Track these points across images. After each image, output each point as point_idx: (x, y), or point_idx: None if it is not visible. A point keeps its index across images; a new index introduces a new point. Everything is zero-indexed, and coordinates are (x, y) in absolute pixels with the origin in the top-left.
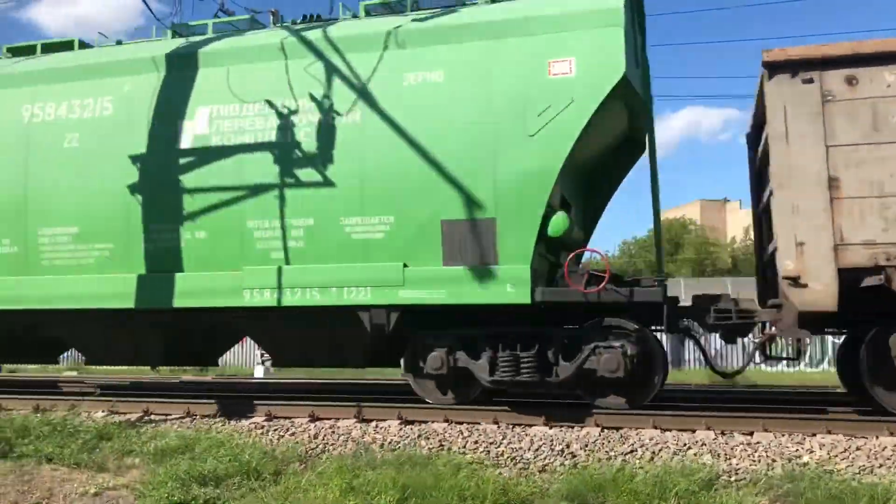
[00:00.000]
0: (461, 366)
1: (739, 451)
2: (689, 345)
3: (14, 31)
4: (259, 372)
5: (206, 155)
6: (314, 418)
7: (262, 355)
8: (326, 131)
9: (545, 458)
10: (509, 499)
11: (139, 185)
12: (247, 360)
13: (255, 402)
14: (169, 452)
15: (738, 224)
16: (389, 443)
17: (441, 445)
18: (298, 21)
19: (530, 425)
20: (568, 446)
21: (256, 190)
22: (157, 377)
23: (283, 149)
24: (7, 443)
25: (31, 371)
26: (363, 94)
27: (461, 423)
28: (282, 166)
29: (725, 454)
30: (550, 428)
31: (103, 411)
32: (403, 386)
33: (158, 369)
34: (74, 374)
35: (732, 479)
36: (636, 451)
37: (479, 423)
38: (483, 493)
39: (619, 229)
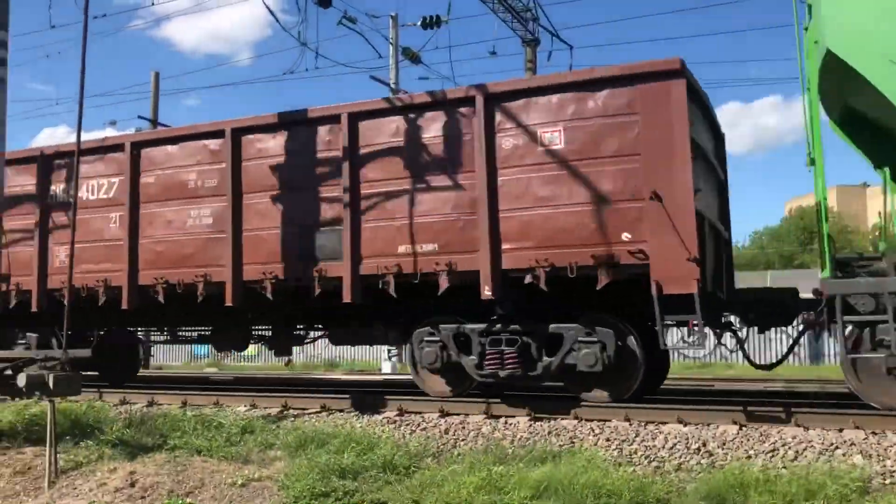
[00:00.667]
0: None
1: (895, 453)
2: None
3: (152, 48)
4: (387, 367)
5: None
6: (444, 413)
7: (388, 351)
8: None
9: (680, 457)
10: (646, 497)
11: None
12: (374, 355)
13: (387, 397)
14: (307, 445)
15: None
16: (519, 439)
17: (572, 442)
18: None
19: (663, 423)
20: (704, 444)
21: None
22: (292, 374)
23: None
24: (162, 436)
25: (175, 368)
26: None
27: (591, 421)
28: None
29: (878, 455)
30: (685, 426)
31: (244, 406)
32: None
33: (292, 365)
34: (214, 370)
35: (888, 482)
36: (777, 450)
37: (609, 421)
38: (618, 491)
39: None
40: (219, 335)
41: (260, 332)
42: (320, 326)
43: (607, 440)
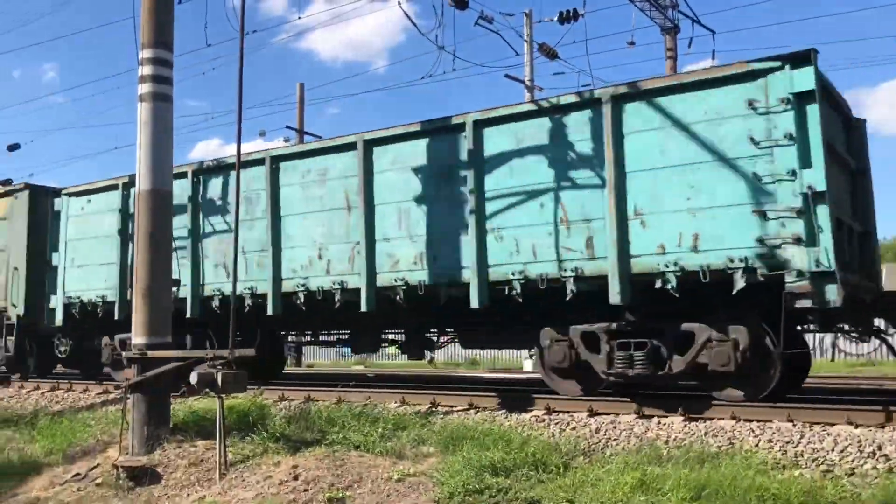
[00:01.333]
0: None
1: None
2: None
3: (295, 59)
4: (528, 366)
5: None
6: (593, 413)
7: (529, 350)
8: None
9: (853, 461)
10: (816, 503)
11: None
12: (515, 353)
13: (534, 395)
14: (458, 442)
15: None
16: (674, 439)
17: (731, 443)
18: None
19: (831, 424)
20: (879, 448)
21: None
22: (435, 371)
23: None
24: (320, 431)
25: (323, 365)
26: None
27: (750, 421)
28: None
29: None
30: (855, 427)
31: (395, 402)
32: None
33: (435, 363)
34: (361, 367)
35: None
36: None
37: (771, 421)
38: (784, 496)
39: None
40: (355, 339)
41: (393, 336)
42: (450, 331)
43: (769, 441)
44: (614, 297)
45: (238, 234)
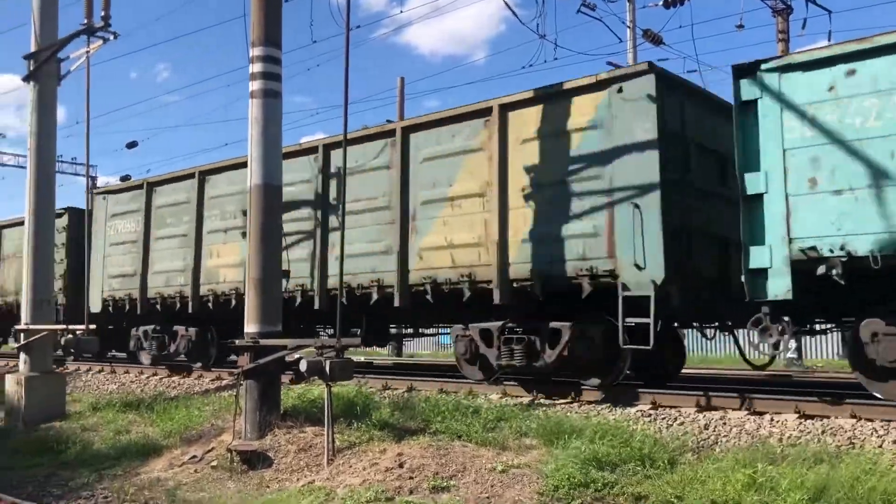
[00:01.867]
0: None
1: None
2: None
3: (395, 53)
4: None
5: None
6: (702, 408)
7: None
8: None
9: None
10: None
11: None
12: None
13: (640, 390)
14: (562, 435)
15: None
16: (788, 437)
17: (850, 443)
18: None
19: None
20: None
21: None
22: None
23: None
24: (424, 420)
25: (423, 356)
26: None
27: (872, 420)
28: None
29: None
30: None
31: (497, 394)
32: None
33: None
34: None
35: None
36: None
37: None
38: None
39: None
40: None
41: None
42: None
43: (895, 442)
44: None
45: (344, 226)
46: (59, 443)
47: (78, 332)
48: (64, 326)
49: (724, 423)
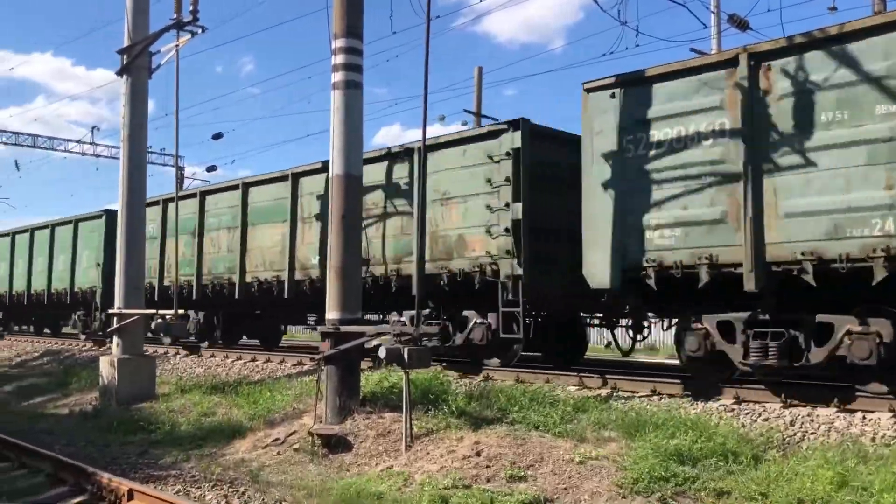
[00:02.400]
0: None
1: None
2: None
3: (472, 42)
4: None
5: None
6: (788, 404)
7: None
8: None
9: None
10: None
11: None
12: None
13: (722, 385)
14: (641, 428)
15: None
16: (882, 437)
17: None
18: None
19: None
20: None
21: None
22: (611, 356)
23: None
24: (500, 409)
25: None
26: None
27: None
28: None
29: None
30: None
31: (573, 385)
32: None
33: (611, 347)
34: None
35: None
36: None
37: None
38: None
39: None
40: None
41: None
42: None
43: None
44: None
45: (424, 215)
46: (149, 422)
47: (167, 317)
48: (154, 311)
49: (812, 420)
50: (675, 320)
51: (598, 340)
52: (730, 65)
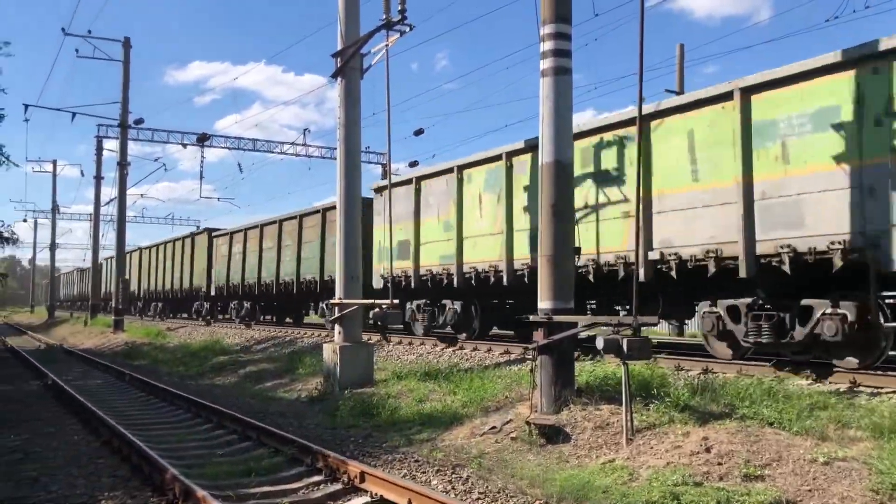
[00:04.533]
0: None
1: None
2: None
3: (666, 20)
4: None
5: None
6: None
7: None
8: None
9: None
10: None
11: None
12: None
13: None
14: (890, 430)
15: None
16: None
17: None
18: None
19: None
20: None
21: None
22: None
23: None
24: (728, 404)
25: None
26: None
27: None
28: None
29: None
30: None
31: (807, 379)
32: None
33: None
34: None
35: None
36: None
37: None
38: None
39: None
40: None
41: None
42: None
43: None
44: None
45: (640, 196)
46: (370, 407)
47: (384, 306)
48: (371, 301)
49: None
50: None
51: None
52: None
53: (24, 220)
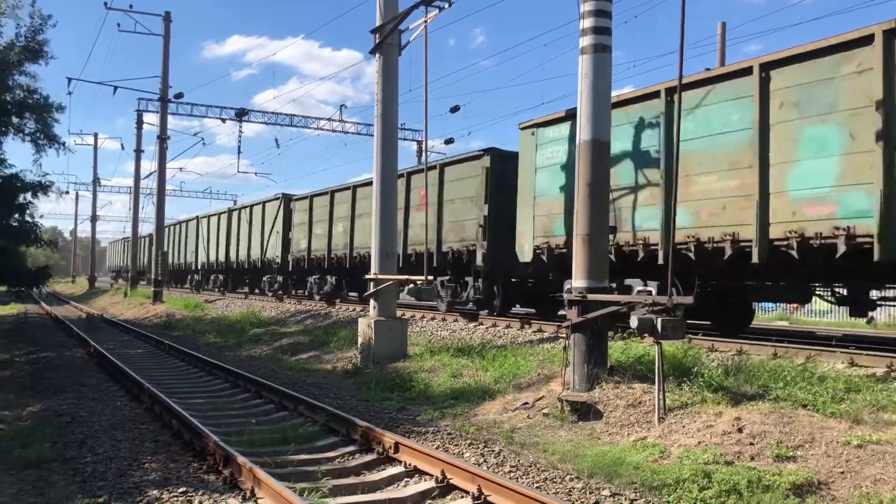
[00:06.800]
0: None
1: None
2: None
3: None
4: None
5: None
6: None
7: None
8: None
9: None
10: None
11: None
12: None
13: None
14: None
15: None
16: None
17: None
18: None
19: None
20: None
21: None
22: (876, 332)
23: None
24: (761, 385)
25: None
26: None
27: None
28: None
29: None
30: None
31: (842, 363)
32: None
33: (875, 323)
34: (785, 323)
35: None
36: None
37: None
38: None
39: None
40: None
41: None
42: None
43: None
44: None
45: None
46: (404, 381)
47: (419, 283)
48: (406, 276)
49: None
50: None
51: None
52: None
53: (66, 192)
